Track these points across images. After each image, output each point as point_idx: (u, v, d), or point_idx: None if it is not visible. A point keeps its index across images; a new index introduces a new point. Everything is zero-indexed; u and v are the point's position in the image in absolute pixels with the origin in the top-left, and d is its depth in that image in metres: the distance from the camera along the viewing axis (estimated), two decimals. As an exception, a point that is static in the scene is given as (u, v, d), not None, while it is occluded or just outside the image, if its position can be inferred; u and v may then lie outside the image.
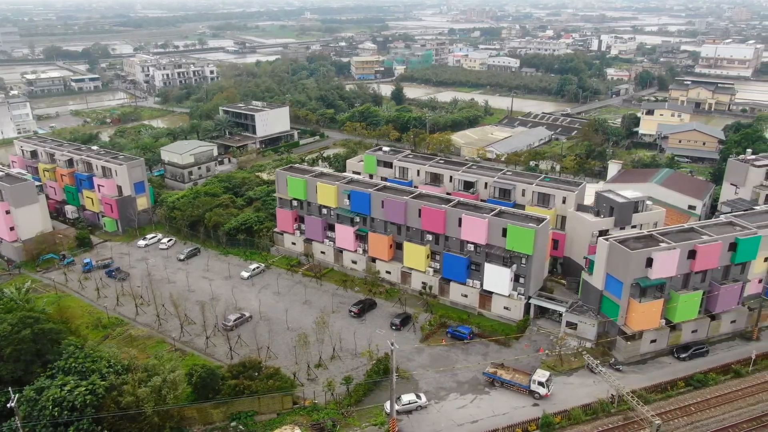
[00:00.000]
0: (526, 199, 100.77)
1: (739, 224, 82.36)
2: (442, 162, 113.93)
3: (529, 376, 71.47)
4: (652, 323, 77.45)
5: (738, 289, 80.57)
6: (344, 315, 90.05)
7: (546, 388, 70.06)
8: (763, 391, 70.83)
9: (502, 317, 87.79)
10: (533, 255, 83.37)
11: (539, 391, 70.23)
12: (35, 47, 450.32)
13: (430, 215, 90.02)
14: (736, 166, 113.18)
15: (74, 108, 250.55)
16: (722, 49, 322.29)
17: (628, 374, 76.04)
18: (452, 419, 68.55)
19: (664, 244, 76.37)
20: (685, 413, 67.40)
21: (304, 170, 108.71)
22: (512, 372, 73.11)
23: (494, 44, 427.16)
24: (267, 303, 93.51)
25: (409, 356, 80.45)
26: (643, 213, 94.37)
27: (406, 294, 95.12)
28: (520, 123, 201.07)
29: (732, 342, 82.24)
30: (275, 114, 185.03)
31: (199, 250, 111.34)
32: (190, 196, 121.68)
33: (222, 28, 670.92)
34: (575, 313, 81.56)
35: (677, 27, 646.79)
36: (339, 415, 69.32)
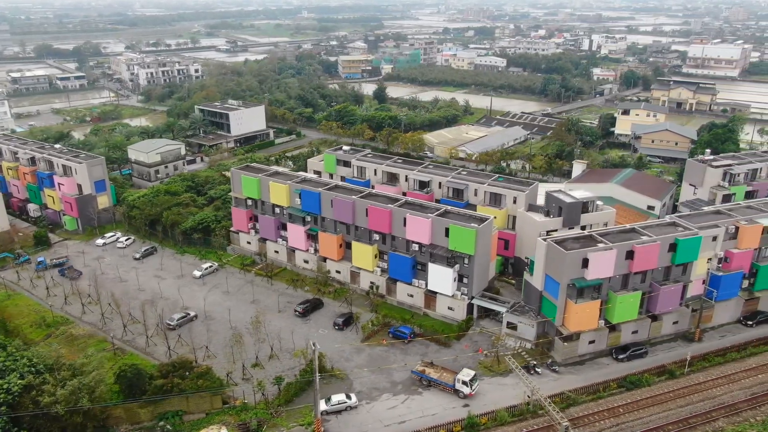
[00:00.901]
0: (478, 199, 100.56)
1: (681, 225, 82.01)
2: (399, 161, 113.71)
3: (455, 375, 71.30)
4: (590, 324, 77.12)
5: (679, 290, 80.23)
6: (290, 314, 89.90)
7: (469, 387, 69.91)
8: (694, 393, 70.49)
9: (446, 317, 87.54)
10: (475, 255, 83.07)
11: (463, 390, 70.13)
12: (26, 45, 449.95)
13: (376, 215, 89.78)
14: (693, 167, 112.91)
15: (56, 106, 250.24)
16: (709, 49, 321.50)
17: (565, 375, 75.80)
18: (380, 420, 68.33)
19: (602, 244, 76.06)
20: (613, 415, 67.08)
21: (260, 169, 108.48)
22: (440, 371, 72.97)
23: (485, 44, 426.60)
24: (215, 302, 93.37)
25: (348, 356, 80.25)
26: (594, 213, 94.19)
27: (355, 294, 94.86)
28: (497, 122, 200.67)
29: (674, 343, 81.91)
30: (251, 113, 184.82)
31: (155, 249, 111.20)
32: (151, 195, 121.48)
33: (217, 27, 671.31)
34: (515, 314, 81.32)
35: (673, 27, 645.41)
36: (268, 415, 69.13)
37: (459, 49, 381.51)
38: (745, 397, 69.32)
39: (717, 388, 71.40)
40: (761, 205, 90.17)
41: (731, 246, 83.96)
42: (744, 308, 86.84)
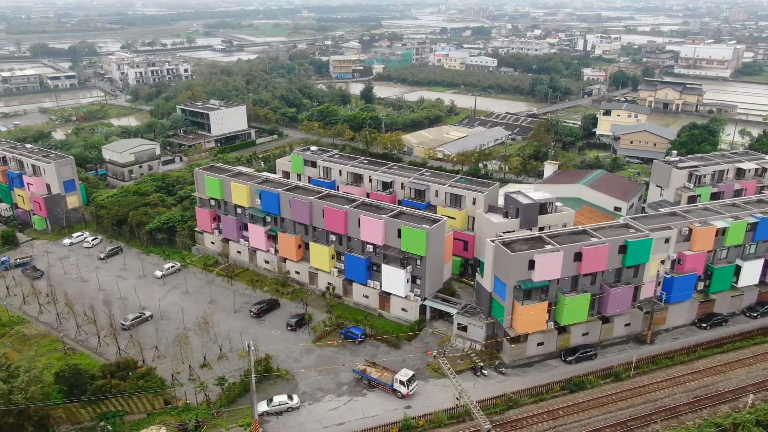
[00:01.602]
0: (439, 200, 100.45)
1: (633, 227, 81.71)
2: (365, 162, 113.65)
3: (393, 375, 71.33)
4: (538, 326, 76.85)
5: (629, 292, 79.91)
6: (245, 315, 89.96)
7: (406, 388, 69.90)
8: (637, 396, 70.23)
9: (400, 318, 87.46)
10: (427, 256, 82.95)
11: (401, 390, 70.14)
12: (22, 44, 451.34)
13: (331, 215, 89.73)
14: (660, 168, 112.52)
15: (44, 106, 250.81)
16: (701, 49, 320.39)
17: (511, 377, 75.64)
18: (320, 421, 68.30)
19: (550, 246, 75.84)
20: (552, 417, 66.89)
21: (224, 170, 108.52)
22: (381, 370, 72.96)
23: (479, 44, 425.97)
24: (172, 302, 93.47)
25: (298, 357, 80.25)
26: (552, 215, 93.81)
27: (314, 294, 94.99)
28: (480, 123, 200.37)
29: (625, 345, 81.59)
30: (232, 113, 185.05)
31: (121, 249, 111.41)
32: (119, 195, 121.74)
33: (215, 27, 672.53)
34: (465, 315, 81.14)
35: (672, 27, 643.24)
36: (209, 415, 69.19)
37: (452, 49, 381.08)
38: (687, 400, 69.05)
39: (660, 390, 71.11)
40: (718, 206, 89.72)
41: (685, 248, 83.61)
42: (699, 310, 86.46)
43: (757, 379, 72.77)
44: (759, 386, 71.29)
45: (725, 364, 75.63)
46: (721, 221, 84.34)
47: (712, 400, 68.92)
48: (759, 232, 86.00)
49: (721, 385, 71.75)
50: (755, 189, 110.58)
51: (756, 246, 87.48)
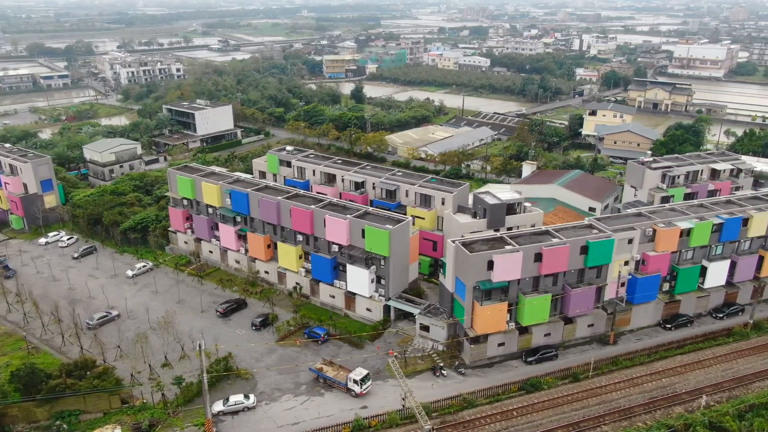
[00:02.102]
0: (409, 200, 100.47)
1: (597, 227, 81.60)
2: (339, 162, 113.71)
3: (347, 374, 71.48)
4: (498, 326, 76.77)
5: (591, 293, 79.78)
6: (212, 315, 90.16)
7: (360, 386, 70.05)
8: (592, 396, 70.18)
9: (365, 318, 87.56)
10: (390, 256, 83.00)
11: (354, 389, 70.30)
12: (18, 44, 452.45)
13: (298, 215, 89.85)
14: (634, 169, 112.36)
15: (35, 105, 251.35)
16: (695, 49, 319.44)
17: (470, 377, 75.67)
18: (275, 421, 68.43)
19: (510, 246, 75.80)
20: (506, 417, 66.88)
21: (197, 169, 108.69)
22: (338, 369, 73.13)
23: (474, 43, 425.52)
24: (141, 302, 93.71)
25: (260, 357, 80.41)
26: (520, 215, 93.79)
27: (282, 294, 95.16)
28: (467, 123, 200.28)
29: (588, 346, 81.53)
30: (217, 112, 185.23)
31: (95, 249, 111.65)
32: (96, 195, 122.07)
33: (214, 26, 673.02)
34: (427, 316, 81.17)
35: (671, 27, 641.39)
36: (165, 415, 69.36)
37: (446, 49, 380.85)
38: (643, 401, 68.93)
39: (617, 391, 71.05)
40: (684, 207, 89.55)
41: (650, 249, 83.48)
42: (664, 311, 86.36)
43: (715, 380, 72.62)
44: (716, 387, 71.16)
45: (685, 365, 75.49)
46: (685, 222, 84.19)
47: (667, 401, 68.79)
48: (725, 233, 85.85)
49: (678, 386, 71.64)
50: (730, 190, 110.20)
51: (722, 247, 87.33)
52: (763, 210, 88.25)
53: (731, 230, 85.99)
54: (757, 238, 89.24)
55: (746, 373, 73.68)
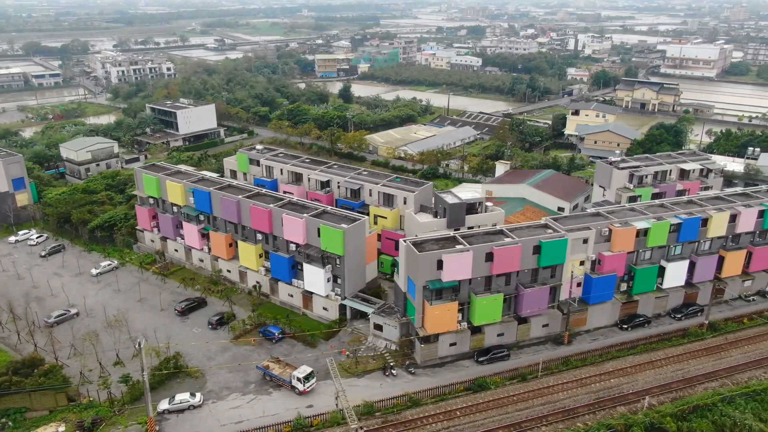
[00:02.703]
0: (372, 199, 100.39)
1: (552, 227, 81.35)
2: (307, 161, 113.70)
3: (291, 372, 71.52)
4: (448, 326, 76.55)
5: (545, 292, 79.50)
6: (171, 313, 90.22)
7: (303, 384, 70.08)
8: (538, 397, 69.92)
9: (322, 317, 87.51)
10: (345, 255, 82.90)
11: (298, 387, 70.34)
12: (14, 43, 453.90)
13: (257, 214, 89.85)
14: (602, 168, 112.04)
15: (24, 104, 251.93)
16: (687, 49, 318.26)
17: (420, 377, 75.51)
18: (219, 420, 68.39)
19: (461, 246, 75.60)
20: (448, 417, 66.70)
21: (164, 168, 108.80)
22: (284, 367, 73.11)
23: (469, 43, 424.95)
24: (101, 300, 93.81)
25: (213, 355, 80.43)
26: (481, 214, 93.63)
27: (243, 293, 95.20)
28: (451, 122, 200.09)
29: (543, 346, 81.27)
30: (200, 111, 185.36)
31: (63, 247, 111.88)
32: (68, 193, 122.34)
33: (212, 25, 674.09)
34: (381, 315, 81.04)
35: (670, 27, 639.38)
36: (111, 413, 69.45)
37: (440, 49, 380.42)
38: (588, 402, 68.65)
39: (564, 392, 70.78)
40: (643, 207, 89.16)
41: (607, 249, 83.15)
42: (622, 311, 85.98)
43: (663, 381, 72.29)
44: (664, 388, 70.84)
45: (635, 366, 75.15)
46: (642, 222, 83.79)
47: (612, 401, 68.51)
48: (683, 233, 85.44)
49: (626, 387, 71.33)
50: (698, 189, 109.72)
51: (681, 247, 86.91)
52: (723, 210, 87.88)
53: (690, 230, 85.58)
54: (717, 239, 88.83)
55: (696, 374, 73.33)
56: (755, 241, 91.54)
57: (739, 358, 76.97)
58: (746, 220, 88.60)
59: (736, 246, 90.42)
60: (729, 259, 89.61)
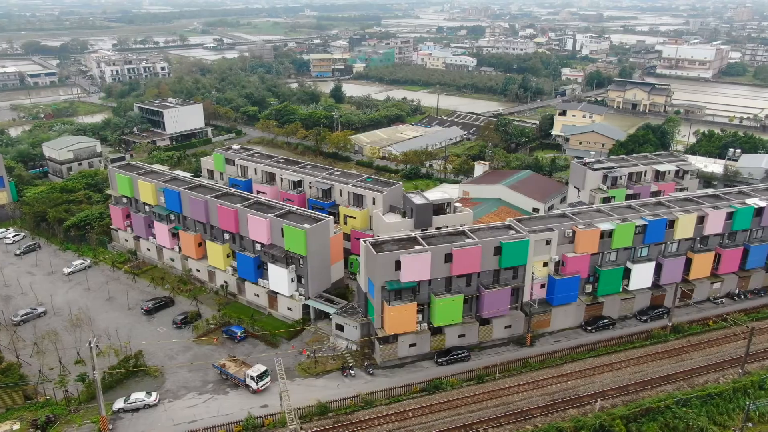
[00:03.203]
0: (343, 199, 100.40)
1: (515, 228, 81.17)
2: (282, 161, 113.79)
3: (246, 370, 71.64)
4: (407, 327, 76.45)
5: (506, 294, 79.28)
6: (138, 312, 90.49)
7: (256, 383, 70.24)
8: (493, 398, 69.73)
9: (287, 317, 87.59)
10: (309, 255, 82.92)
11: (252, 386, 70.49)
12: (15, 42, 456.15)
13: (224, 214, 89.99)
14: (576, 169, 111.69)
15: (17, 103, 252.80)
16: (683, 49, 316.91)
17: (378, 378, 75.47)
18: (173, 419, 68.50)
19: (420, 246, 75.50)
20: (400, 418, 66.63)
21: (138, 167, 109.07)
22: (240, 365, 73.22)
23: (466, 43, 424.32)
24: (70, 299, 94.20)
25: (175, 354, 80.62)
26: (449, 215, 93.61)
27: (212, 292, 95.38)
28: (439, 123, 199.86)
29: (505, 347, 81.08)
30: (187, 111, 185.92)
31: (39, 246, 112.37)
32: (46, 192, 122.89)
33: (214, 25, 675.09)
34: (342, 315, 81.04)
35: (672, 27, 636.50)
36: (67, 411, 69.70)
37: (437, 48, 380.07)
38: (543, 404, 68.43)
39: (519, 393, 70.58)
40: (611, 208, 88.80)
41: (571, 250, 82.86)
42: (587, 313, 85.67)
43: (620, 383, 72.00)
44: (619, 390, 70.54)
45: (594, 368, 74.88)
46: (607, 223, 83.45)
47: (566, 404, 68.28)
48: (649, 235, 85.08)
49: (582, 389, 71.10)
50: (673, 191, 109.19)
51: (648, 249, 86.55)
52: (691, 212, 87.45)
53: (655, 232, 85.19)
54: (685, 240, 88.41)
55: (654, 377, 72.97)
56: (724, 243, 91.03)
57: (700, 360, 76.60)
58: (714, 222, 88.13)
59: (705, 248, 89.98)
60: (697, 261, 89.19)
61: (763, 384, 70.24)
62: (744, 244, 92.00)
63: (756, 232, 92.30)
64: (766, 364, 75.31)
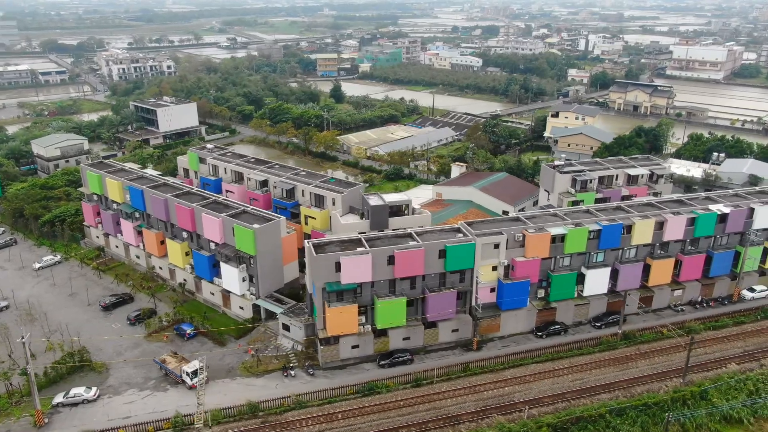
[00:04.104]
0: (305, 200, 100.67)
1: (464, 231, 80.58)
2: (252, 161, 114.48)
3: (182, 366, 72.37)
4: (349, 328, 76.42)
5: (451, 297, 78.66)
6: (97, 308, 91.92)
7: (191, 379, 71.05)
8: (426, 402, 69.33)
9: (239, 316, 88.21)
10: (258, 255, 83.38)
11: (187, 381, 71.27)
12: (33, 40, 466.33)
13: (181, 212, 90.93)
14: (546, 172, 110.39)
15: (24, 100, 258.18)
16: (694, 50, 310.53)
17: (318, 378, 75.56)
18: (108, 414, 69.40)
19: (362, 248, 75.40)
20: (327, 420, 66.64)
21: (111, 165, 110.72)
22: (180, 361, 73.94)
23: (476, 42, 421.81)
24: (35, 294, 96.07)
25: (123, 350, 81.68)
26: (407, 217, 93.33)
27: (172, 290, 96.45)
28: (432, 123, 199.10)
29: (452, 351, 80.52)
30: (181, 110, 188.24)
31: (15, 241, 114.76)
32: (27, 188, 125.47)
33: (231, 24, 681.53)
34: (289, 316, 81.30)
35: (693, 27, 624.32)
36: (8, 404, 71.15)
37: (444, 48, 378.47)
38: (474, 409, 67.82)
39: (453, 398, 70.05)
40: (567, 213, 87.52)
41: (522, 254, 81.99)
42: (539, 318, 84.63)
43: (559, 390, 71.01)
44: (556, 398, 69.57)
45: (535, 374, 74.01)
46: (558, 228, 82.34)
47: (499, 410, 67.55)
48: (604, 240, 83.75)
49: (518, 395, 70.29)
50: (646, 195, 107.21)
51: (604, 254, 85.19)
52: (649, 217, 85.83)
53: (611, 237, 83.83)
54: (644, 246, 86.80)
55: (595, 385, 71.84)
56: (686, 250, 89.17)
57: (645, 369, 75.17)
58: (674, 227, 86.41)
59: (665, 254, 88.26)
60: (656, 268, 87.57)
61: (705, 394, 68.61)
62: (707, 251, 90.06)
63: (720, 239, 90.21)
64: (717, 374, 73.49)
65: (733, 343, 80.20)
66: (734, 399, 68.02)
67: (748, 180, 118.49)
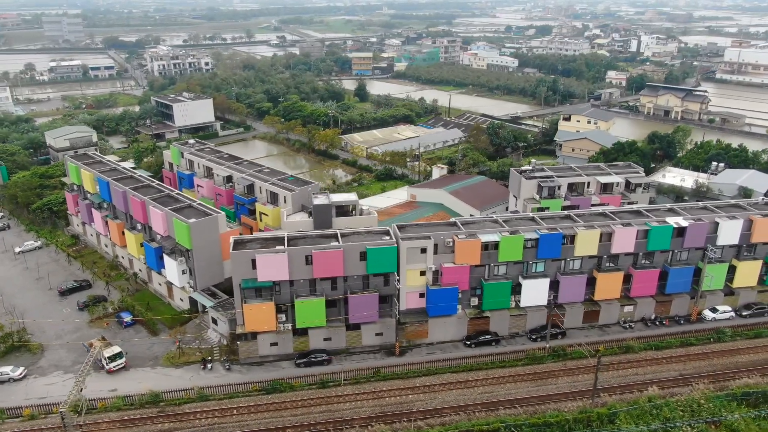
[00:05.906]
0: (262, 197, 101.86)
1: (392, 234, 79.38)
2: (225, 156, 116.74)
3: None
4: (266, 325, 76.85)
5: (372, 300, 77.66)
6: (54, 293, 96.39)
7: (108, 363, 74.36)
8: (324, 404, 68.83)
9: (180, 307, 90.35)
10: (195, 249, 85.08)
11: (105, 365, 74.51)
12: (96, 37, 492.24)
13: (135, 205, 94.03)
14: (513, 177, 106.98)
15: (69, 93, 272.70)
16: (746, 53, 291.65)
17: (233, 373, 76.42)
18: (27, 394, 72.77)
19: (281, 247, 75.71)
20: (224, 414, 67.35)
21: (92, 157, 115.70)
22: (105, 346, 76.28)
23: (520, 43, 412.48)
24: (7, 276, 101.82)
25: (64, 334, 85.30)
26: (353, 217, 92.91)
27: (126, 279, 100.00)
28: (444, 124, 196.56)
29: (374, 355, 79.55)
30: (197, 105, 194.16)
31: (8, 226, 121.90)
32: (28, 176, 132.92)
33: (287, 22, 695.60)
34: (217, 310, 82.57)
35: (760, 29, 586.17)
36: (-59, 381, 75.98)
37: (487, 49, 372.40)
38: (368, 415, 66.82)
39: (353, 402, 69.22)
40: (509, 219, 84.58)
41: (452, 260, 79.95)
42: (471, 327, 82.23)
43: (463, 402, 68.86)
44: (458, 409, 67.48)
45: (445, 384, 72.08)
46: (491, 235, 79.69)
47: (394, 417, 66.27)
48: (542, 250, 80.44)
49: (419, 405, 68.67)
50: (619, 204, 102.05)
51: (543, 264, 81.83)
52: (594, 227, 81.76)
53: (550, 247, 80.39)
54: (589, 258, 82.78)
55: (502, 399, 69.24)
56: (638, 264, 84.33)
57: (563, 387, 71.79)
58: (622, 239, 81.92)
59: (613, 267, 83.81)
60: (602, 281, 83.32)
61: (613, 417, 64.81)
62: (663, 266, 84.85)
63: (678, 254, 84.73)
64: (636, 397, 69.23)
65: (670, 366, 75.31)
66: (644, 425, 63.87)
67: (738, 192, 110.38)
